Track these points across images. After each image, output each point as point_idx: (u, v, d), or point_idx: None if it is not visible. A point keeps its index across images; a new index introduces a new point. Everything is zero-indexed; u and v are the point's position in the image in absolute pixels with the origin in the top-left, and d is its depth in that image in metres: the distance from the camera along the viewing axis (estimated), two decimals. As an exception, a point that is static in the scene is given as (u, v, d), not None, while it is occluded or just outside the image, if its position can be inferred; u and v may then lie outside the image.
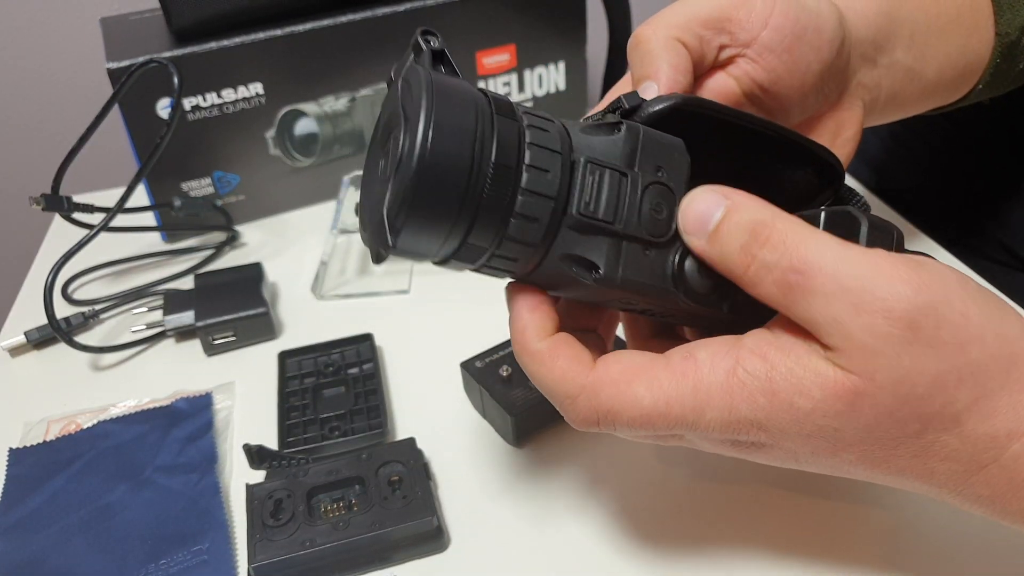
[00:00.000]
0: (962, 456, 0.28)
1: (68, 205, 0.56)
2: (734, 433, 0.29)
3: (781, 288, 0.26)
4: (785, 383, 0.27)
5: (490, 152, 0.26)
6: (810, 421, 0.27)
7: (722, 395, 0.28)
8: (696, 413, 0.28)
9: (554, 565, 0.38)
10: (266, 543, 0.38)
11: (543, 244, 0.27)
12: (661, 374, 0.29)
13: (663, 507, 0.41)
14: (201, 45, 0.59)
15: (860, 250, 0.26)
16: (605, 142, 0.28)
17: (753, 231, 0.27)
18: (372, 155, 0.30)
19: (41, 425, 0.48)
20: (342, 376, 0.49)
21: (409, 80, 0.27)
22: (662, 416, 0.28)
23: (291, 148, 0.66)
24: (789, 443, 0.28)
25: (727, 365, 0.28)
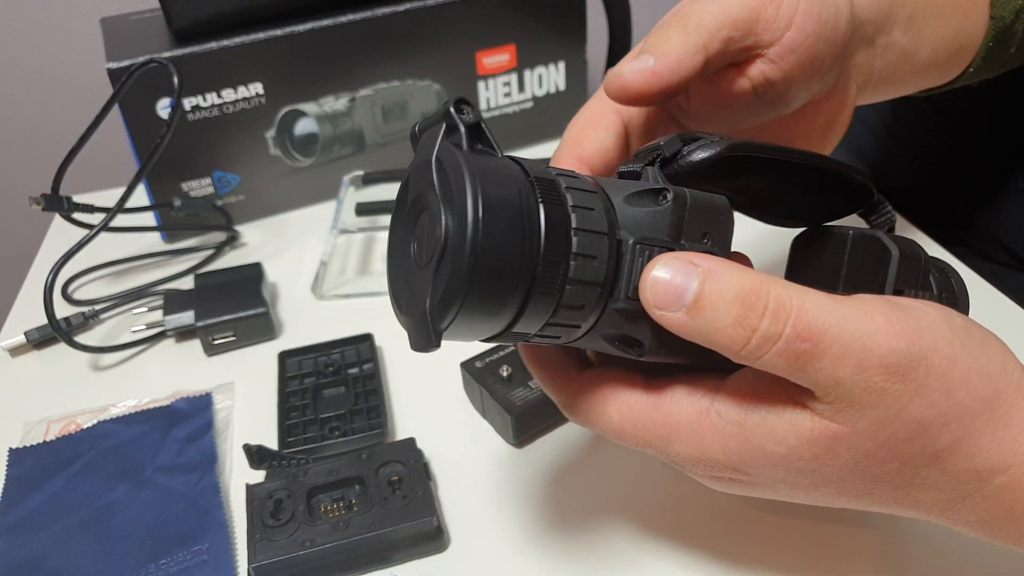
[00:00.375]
0: (944, 487, 0.28)
1: (68, 205, 0.56)
2: (707, 469, 0.29)
3: (788, 358, 0.25)
4: (758, 429, 0.27)
5: (538, 245, 0.25)
6: (784, 464, 0.27)
7: (691, 433, 0.28)
8: (664, 442, 0.29)
9: (554, 565, 0.38)
10: (266, 543, 0.38)
11: (588, 325, 0.27)
12: (636, 400, 0.29)
13: (663, 506, 0.41)
14: (201, 45, 0.59)
15: (853, 305, 0.26)
16: (651, 215, 0.27)
17: (745, 301, 0.25)
18: (398, 230, 0.28)
19: (41, 425, 0.48)
20: (342, 376, 0.49)
21: (446, 164, 0.25)
22: (631, 436, 0.29)
23: (291, 148, 0.66)
24: (767, 481, 0.29)
25: (701, 406, 0.28)
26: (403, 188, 0.28)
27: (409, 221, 0.27)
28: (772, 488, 0.29)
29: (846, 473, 0.27)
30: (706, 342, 0.26)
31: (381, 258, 0.62)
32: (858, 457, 0.27)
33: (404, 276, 0.28)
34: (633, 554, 0.39)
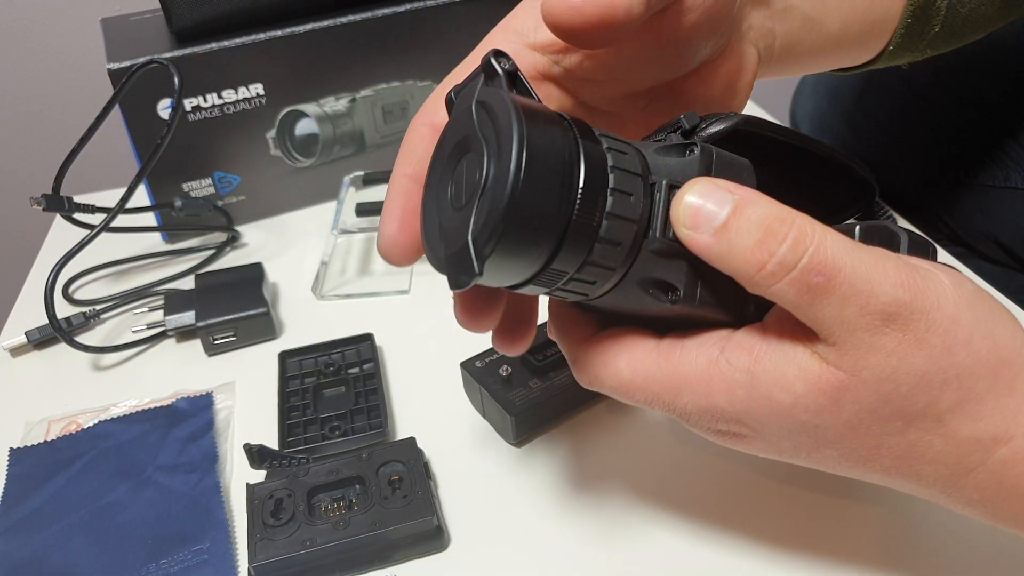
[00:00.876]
0: (947, 459, 0.28)
1: (69, 205, 0.56)
2: (711, 421, 0.29)
3: (798, 288, 0.25)
4: (766, 376, 0.27)
5: (578, 177, 0.25)
6: (790, 416, 0.27)
7: (700, 382, 0.28)
8: (672, 394, 0.29)
9: (554, 564, 0.38)
10: (266, 542, 0.38)
11: (623, 267, 0.27)
12: (646, 353, 0.29)
13: (663, 506, 0.41)
14: (202, 46, 0.59)
15: (869, 250, 0.26)
16: (681, 163, 0.28)
17: (769, 227, 0.26)
18: (435, 179, 0.29)
19: (42, 425, 0.48)
20: (342, 376, 0.49)
21: (490, 104, 0.26)
22: (640, 390, 0.29)
23: (292, 149, 0.66)
24: (770, 436, 0.29)
25: (711, 354, 0.28)
26: (441, 140, 0.29)
27: (447, 168, 0.28)
28: (775, 445, 0.29)
29: (849, 431, 0.27)
30: (726, 266, 0.26)
31: (381, 258, 0.62)
32: (862, 412, 0.27)
33: (440, 221, 0.28)
34: (633, 553, 0.39)
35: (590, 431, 0.45)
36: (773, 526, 0.39)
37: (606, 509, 0.41)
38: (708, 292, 0.28)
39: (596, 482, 0.42)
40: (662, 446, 0.44)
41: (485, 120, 0.26)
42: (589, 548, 0.39)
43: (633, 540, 0.39)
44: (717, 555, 0.38)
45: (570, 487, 0.42)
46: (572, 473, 0.43)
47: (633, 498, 0.41)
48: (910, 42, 0.43)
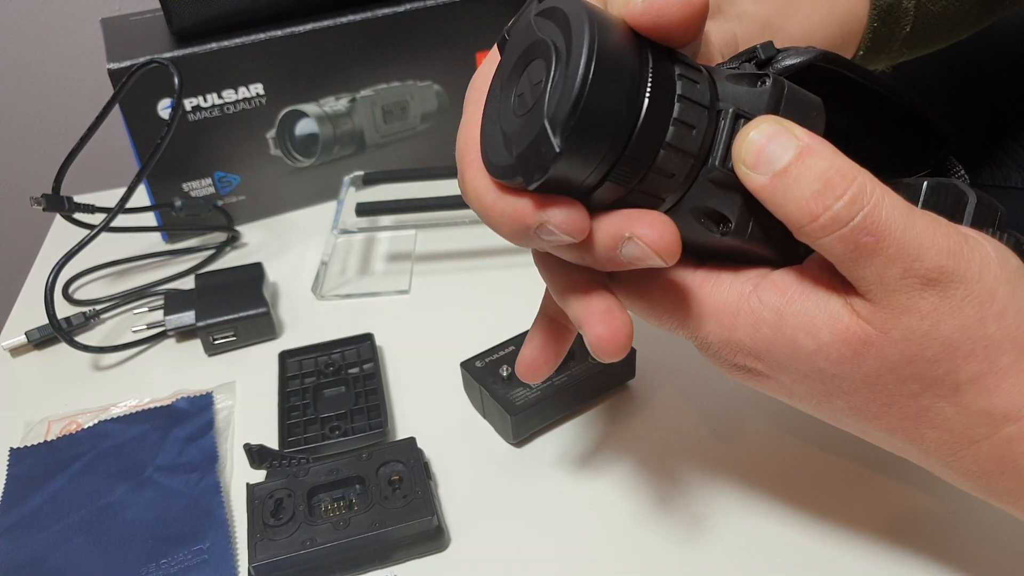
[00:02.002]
0: (954, 427, 0.28)
1: (69, 205, 0.56)
2: (730, 354, 0.29)
3: (846, 246, 0.25)
4: (794, 319, 0.27)
5: (644, 97, 0.25)
6: (810, 362, 0.27)
7: (727, 314, 0.28)
8: (697, 321, 0.29)
9: (554, 564, 0.38)
10: (267, 542, 0.38)
11: (676, 196, 0.27)
12: (681, 278, 0.29)
13: (662, 506, 0.41)
14: (201, 46, 0.59)
15: (922, 215, 0.26)
16: (751, 94, 0.27)
17: (829, 180, 0.25)
18: (496, 99, 0.28)
19: (42, 425, 0.48)
20: (342, 376, 0.49)
21: (562, 8, 0.25)
22: (668, 316, 0.30)
23: (291, 148, 0.66)
24: (785, 378, 0.29)
25: (743, 289, 0.28)
26: (499, 64, 0.29)
27: (507, 85, 0.27)
28: (787, 388, 0.29)
29: (865, 386, 0.27)
30: (778, 210, 0.26)
31: (381, 258, 0.62)
32: (883, 369, 0.27)
33: (503, 130, 0.27)
34: (633, 553, 0.39)
35: (590, 431, 0.45)
36: (774, 528, 0.39)
37: (606, 509, 0.41)
38: (759, 229, 0.28)
39: (596, 482, 0.42)
40: (662, 446, 0.44)
41: (550, 26, 0.25)
42: (589, 548, 0.39)
43: (633, 540, 0.39)
44: (717, 555, 0.38)
45: (569, 487, 0.42)
46: (572, 473, 0.43)
47: (633, 498, 0.41)
48: (881, 45, 0.43)
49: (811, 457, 0.42)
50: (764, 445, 0.43)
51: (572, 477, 0.43)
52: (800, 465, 0.42)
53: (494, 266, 0.60)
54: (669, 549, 0.39)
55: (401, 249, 0.63)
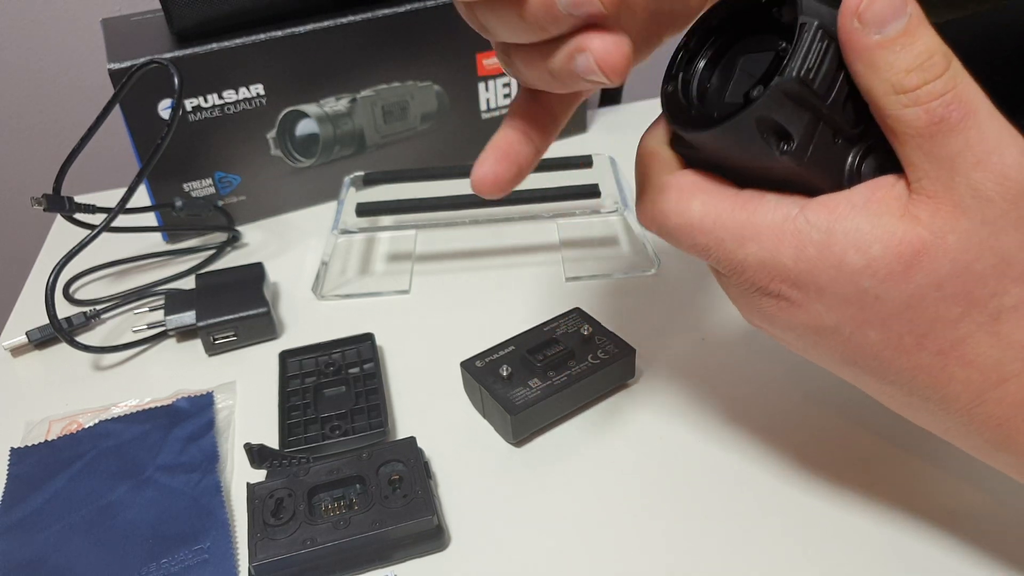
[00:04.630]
0: (986, 362, 0.27)
1: (70, 205, 0.56)
2: (767, 278, 0.28)
3: (931, 117, 0.25)
4: (844, 237, 0.27)
5: None
6: (853, 282, 0.27)
7: (771, 235, 0.28)
8: (737, 242, 0.28)
9: (554, 563, 0.39)
10: (267, 542, 0.38)
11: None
12: (723, 198, 0.29)
13: (662, 505, 0.41)
14: (202, 46, 0.59)
15: (1007, 122, 0.26)
16: (832, 15, 0.27)
17: (932, 55, 0.25)
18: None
19: (42, 424, 0.49)
20: (343, 376, 0.49)
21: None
22: (704, 232, 0.29)
23: (292, 149, 0.66)
24: (818, 305, 0.28)
25: (789, 211, 0.28)
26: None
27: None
28: (815, 320, 0.28)
29: (907, 308, 0.27)
30: (873, 75, 0.26)
31: (382, 258, 0.62)
32: (928, 287, 0.26)
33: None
34: (633, 552, 0.39)
35: (590, 431, 0.45)
36: (774, 527, 0.39)
37: (606, 508, 0.41)
38: (819, 152, 0.27)
39: (596, 481, 0.42)
40: (662, 446, 0.44)
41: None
42: (589, 547, 0.39)
43: (633, 539, 0.39)
44: (717, 554, 0.38)
45: (570, 487, 0.42)
46: (572, 473, 0.43)
47: (633, 497, 0.41)
48: None
49: (812, 457, 0.42)
50: (764, 445, 0.43)
51: (572, 476, 0.43)
52: (800, 465, 0.42)
53: (494, 266, 0.60)
54: (669, 548, 0.39)
55: (401, 249, 0.63)
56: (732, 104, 0.27)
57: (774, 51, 0.27)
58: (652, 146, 0.32)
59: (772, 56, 0.27)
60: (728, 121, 0.27)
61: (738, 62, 0.29)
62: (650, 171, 0.31)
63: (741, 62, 0.29)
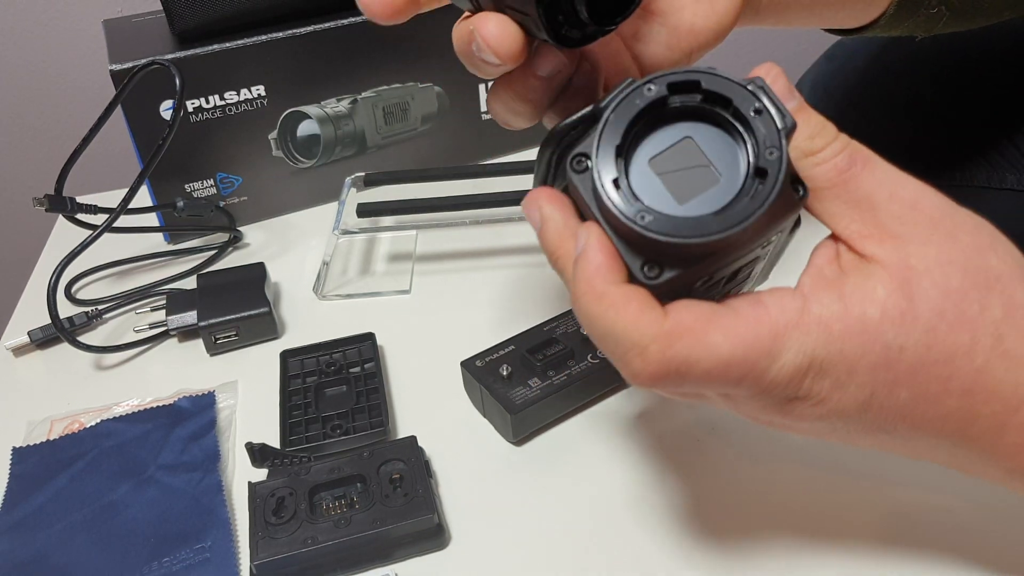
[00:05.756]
0: (1006, 390, 0.28)
1: (71, 206, 0.56)
2: (799, 381, 0.28)
3: (840, 167, 0.28)
4: (854, 296, 0.27)
5: None
6: (878, 339, 0.27)
7: (798, 334, 0.27)
8: (770, 358, 0.27)
9: (554, 563, 0.39)
10: (268, 541, 0.38)
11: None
12: (735, 321, 0.27)
13: (663, 504, 0.41)
14: (203, 47, 0.59)
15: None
16: None
17: (825, 127, 0.29)
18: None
19: (44, 424, 0.49)
20: (344, 375, 0.49)
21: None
22: (738, 365, 0.27)
23: (293, 150, 0.66)
24: (850, 387, 0.28)
25: (797, 304, 0.28)
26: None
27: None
28: (846, 411, 0.28)
29: (928, 349, 0.27)
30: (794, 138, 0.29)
31: (382, 258, 0.62)
32: (933, 317, 0.27)
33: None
34: (633, 551, 0.39)
35: (590, 430, 0.45)
36: (774, 526, 0.39)
37: (606, 507, 0.41)
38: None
39: (596, 481, 0.42)
40: (661, 445, 0.44)
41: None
42: (589, 547, 0.39)
43: (632, 538, 0.39)
44: (717, 553, 0.38)
45: (570, 486, 0.42)
46: (572, 472, 0.43)
47: (632, 496, 0.41)
48: (909, 9, 0.42)
49: (812, 456, 0.42)
50: (764, 444, 0.43)
51: (572, 475, 0.43)
52: (801, 464, 0.42)
53: (494, 266, 0.60)
54: (668, 547, 0.39)
55: (402, 249, 0.63)
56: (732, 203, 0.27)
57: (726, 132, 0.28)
58: (605, 291, 0.27)
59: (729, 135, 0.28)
60: (768, 200, 0.26)
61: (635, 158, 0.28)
62: (626, 322, 0.27)
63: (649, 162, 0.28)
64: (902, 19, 0.43)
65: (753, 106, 0.27)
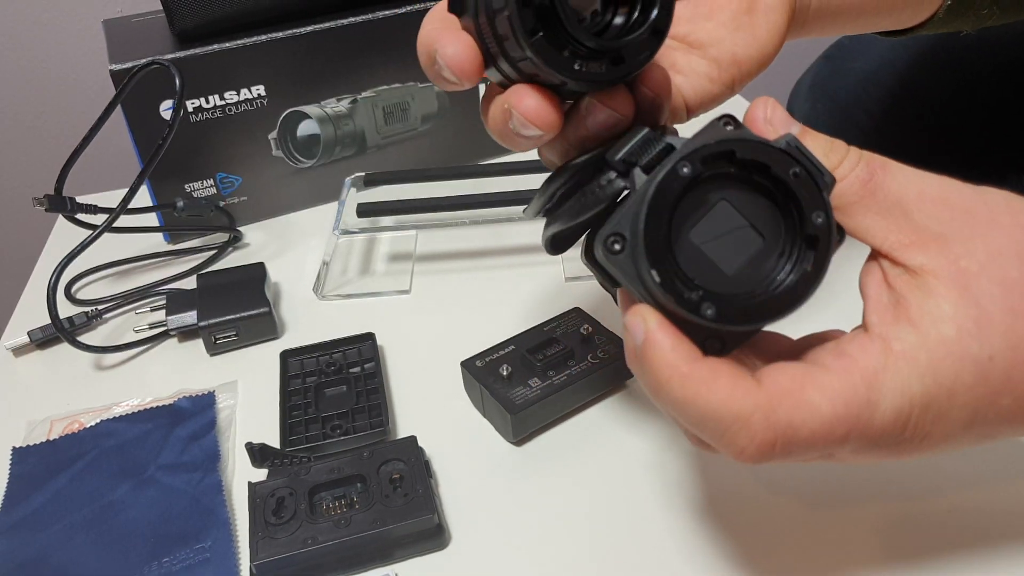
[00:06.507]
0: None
1: (71, 206, 0.56)
2: (905, 423, 0.27)
3: (862, 178, 0.28)
4: (926, 321, 0.26)
5: None
6: (967, 356, 0.26)
7: (890, 376, 0.26)
8: (871, 408, 0.26)
9: (554, 563, 0.39)
10: (268, 541, 0.38)
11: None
12: (827, 377, 0.26)
13: (663, 504, 0.41)
14: (203, 47, 0.59)
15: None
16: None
17: (835, 143, 0.29)
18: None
19: (44, 424, 0.49)
20: (344, 375, 0.49)
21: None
22: (841, 421, 0.26)
23: (293, 149, 0.66)
24: (954, 412, 0.27)
25: (877, 346, 0.27)
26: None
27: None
28: (950, 436, 0.27)
29: (1012, 349, 0.26)
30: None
31: (382, 258, 0.62)
32: (1007, 315, 0.26)
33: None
34: (633, 551, 0.39)
35: (590, 430, 0.45)
36: (774, 526, 0.39)
37: (605, 507, 0.41)
38: None
39: (596, 481, 0.42)
40: (661, 445, 0.44)
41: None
42: (589, 547, 0.39)
43: (632, 538, 0.39)
44: (717, 553, 0.38)
45: (570, 486, 0.42)
46: (572, 472, 0.43)
47: (632, 496, 0.41)
48: (967, 4, 0.41)
49: (810, 456, 0.42)
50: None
51: (572, 476, 0.43)
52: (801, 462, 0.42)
53: (494, 266, 0.60)
54: (668, 547, 0.39)
55: (402, 249, 0.63)
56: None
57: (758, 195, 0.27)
58: (689, 371, 0.26)
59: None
60: (824, 269, 0.26)
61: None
62: (721, 397, 0.26)
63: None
64: (951, 21, 0.42)
65: (792, 170, 0.26)
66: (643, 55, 0.28)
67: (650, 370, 0.27)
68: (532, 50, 0.27)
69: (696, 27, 0.34)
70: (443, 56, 0.29)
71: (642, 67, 0.29)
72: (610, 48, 0.28)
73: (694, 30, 0.34)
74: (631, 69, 0.28)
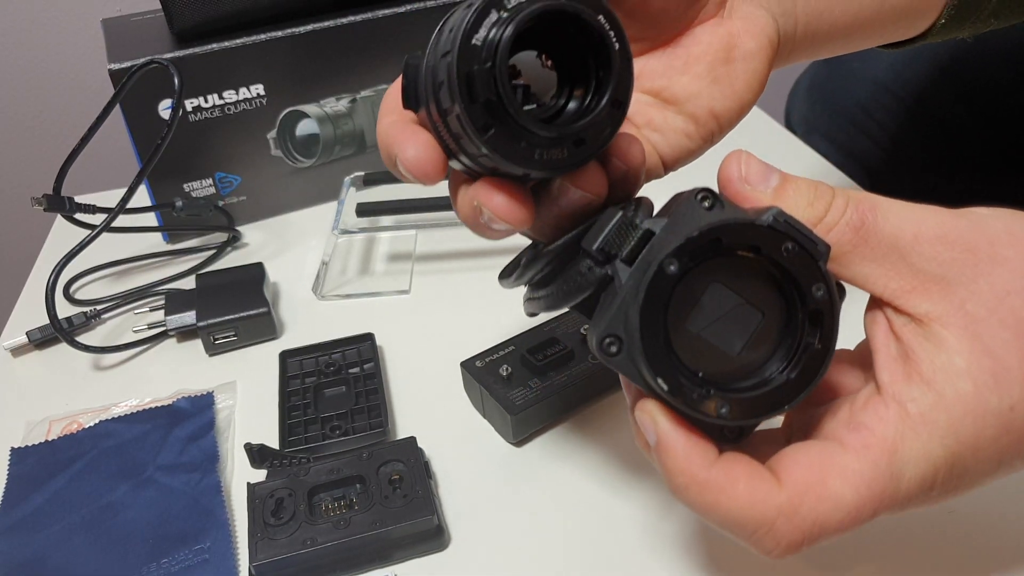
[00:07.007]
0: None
1: (70, 205, 0.56)
2: (931, 486, 0.26)
3: (853, 224, 0.27)
4: (940, 376, 0.26)
5: None
6: (984, 406, 0.26)
7: (910, 443, 0.26)
8: (896, 480, 0.26)
9: (553, 563, 0.39)
10: (267, 542, 0.38)
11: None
12: (846, 458, 0.26)
13: (663, 505, 0.41)
14: (202, 46, 0.59)
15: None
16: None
17: (817, 188, 0.27)
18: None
19: (43, 424, 0.49)
20: (343, 375, 0.49)
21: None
22: (868, 504, 0.26)
23: (292, 149, 0.66)
24: (982, 464, 0.26)
25: (893, 412, 0.26)
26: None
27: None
28: (987, 471, 0.27)
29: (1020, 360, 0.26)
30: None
31: (382, 258, 0.62)
32: (1016, 344, 0.25)
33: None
34: (633, 551, 0.39)
35: (590, 431, 0.45)
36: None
37: (605, 508, 0.41)
38: None
39: (595, 481, 0.42)
40: (662, 446, 0.44)
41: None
42: (589, 547, 0.39)
43: (632, 538, 0.39)
44: (716, 553, 0.38)
45: (570, 487, 0.42)
46: (571, 472, 0.43)
47: (632, 497, 0.41)
48: (968, 12, 0.40)
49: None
50: (764, 445, 0.43)
51: (572, 477, 0.43)
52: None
53: (495, 266, 0.60)
54: (669, 547, 0.39)
55: (401, 249, 0.63)
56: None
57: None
58: (707, 478, 0.26)
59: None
60: (833, 342, 0.26)
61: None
62: (741, 504, 0.26)
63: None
64: (949, 32, 0.42)
65: (784, 246, 0.25)
66: (605, 132, 0.27)
67: (666, 475, 0.27)
68: (487, 147, 0.26)
69: (671, 81, 0.33)
70: (403, 160, 0.28)
71: (606, 144, 0.28)
72: (568, 133, 0.26)
73: (669, 85, 0.33)
74: (594, 150, 0.27)
